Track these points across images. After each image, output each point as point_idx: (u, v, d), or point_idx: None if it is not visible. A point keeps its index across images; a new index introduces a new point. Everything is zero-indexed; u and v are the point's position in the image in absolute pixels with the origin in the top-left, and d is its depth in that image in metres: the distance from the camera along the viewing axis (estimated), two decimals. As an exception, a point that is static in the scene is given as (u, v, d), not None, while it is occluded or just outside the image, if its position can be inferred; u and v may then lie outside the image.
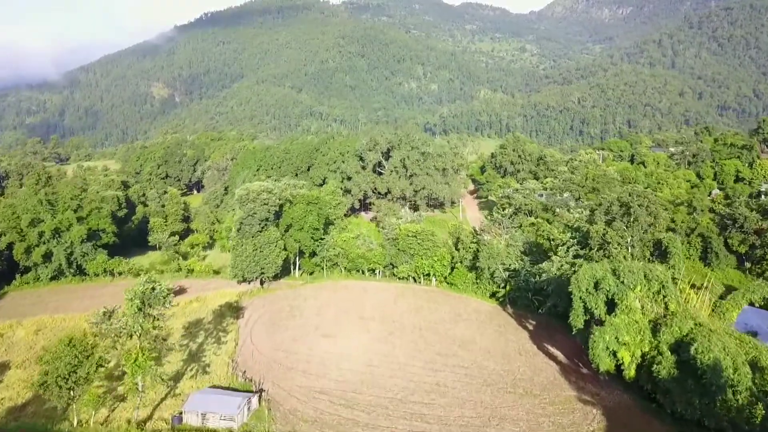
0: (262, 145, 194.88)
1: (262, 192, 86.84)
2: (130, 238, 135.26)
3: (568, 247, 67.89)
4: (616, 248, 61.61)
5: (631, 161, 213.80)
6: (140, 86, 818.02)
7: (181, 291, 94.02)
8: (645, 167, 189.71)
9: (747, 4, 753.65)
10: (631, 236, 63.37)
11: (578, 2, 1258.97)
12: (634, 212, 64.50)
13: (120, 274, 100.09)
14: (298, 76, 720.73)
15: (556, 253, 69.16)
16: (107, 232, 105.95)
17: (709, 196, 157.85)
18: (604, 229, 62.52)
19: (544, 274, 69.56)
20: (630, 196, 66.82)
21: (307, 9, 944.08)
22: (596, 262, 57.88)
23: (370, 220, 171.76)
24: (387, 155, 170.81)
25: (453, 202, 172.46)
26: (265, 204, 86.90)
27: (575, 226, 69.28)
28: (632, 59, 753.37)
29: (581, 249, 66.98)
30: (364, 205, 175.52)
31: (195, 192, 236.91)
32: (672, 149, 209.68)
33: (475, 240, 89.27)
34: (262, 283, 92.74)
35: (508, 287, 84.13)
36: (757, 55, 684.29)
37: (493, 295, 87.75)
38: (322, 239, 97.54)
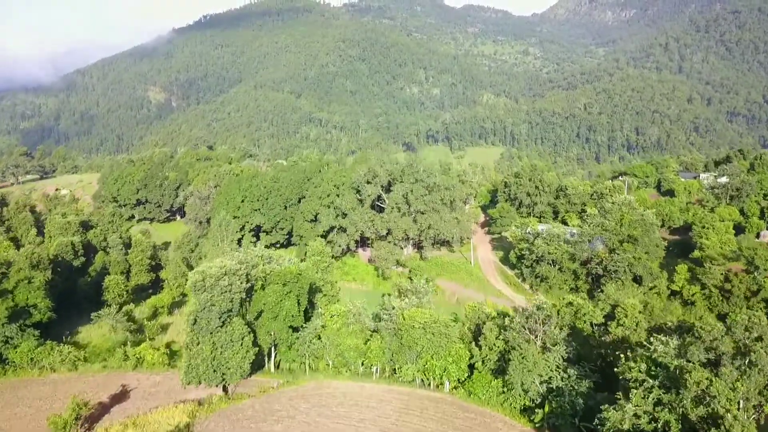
0: (249, 172, 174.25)
1: (222, 276, 65.87)
2: (84, 294, 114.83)
3: (646, 390, 47.40)
4: (723, 405, 41.10)
5: (658, 188, 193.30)
6: (137, 90, 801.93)
7: (122, 396, 73.39)
8: (675, 197, 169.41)
9: (755, 7, 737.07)
10: (747, 388, 43.12)
11: (581, 4, 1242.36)
12: (756, 355, 43.84)
13: (50, 365, 79.27)
14: (297, 80, 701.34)
15: (628, 396, 48.30)
16: (40, 308, 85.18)
17: (757, 238, 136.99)
18: (708, 379, 42.21)
19: (608, 422, 48.94)
20: (747, 331, 45.97)
21: (307, 11, 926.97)
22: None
23: (369, 261, 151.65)
24: (387, 188, 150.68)
25: (462, 240, 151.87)
26: (226, 292, 66.08)
27: (656, 358, 49.14)
28: (638, 63, 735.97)
29: (665, 393, 46.55)
30: (362, 241, 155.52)
31: (178, 218, 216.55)
32: (703, 175, 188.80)
33: (501, 337, 68.49)
34: (225, 389, 71.90)
35: (546, 407, 63.43)
36: (765, 59, 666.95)
37: (525, 410, 67.03)
38: (303, 327, 76.72)
